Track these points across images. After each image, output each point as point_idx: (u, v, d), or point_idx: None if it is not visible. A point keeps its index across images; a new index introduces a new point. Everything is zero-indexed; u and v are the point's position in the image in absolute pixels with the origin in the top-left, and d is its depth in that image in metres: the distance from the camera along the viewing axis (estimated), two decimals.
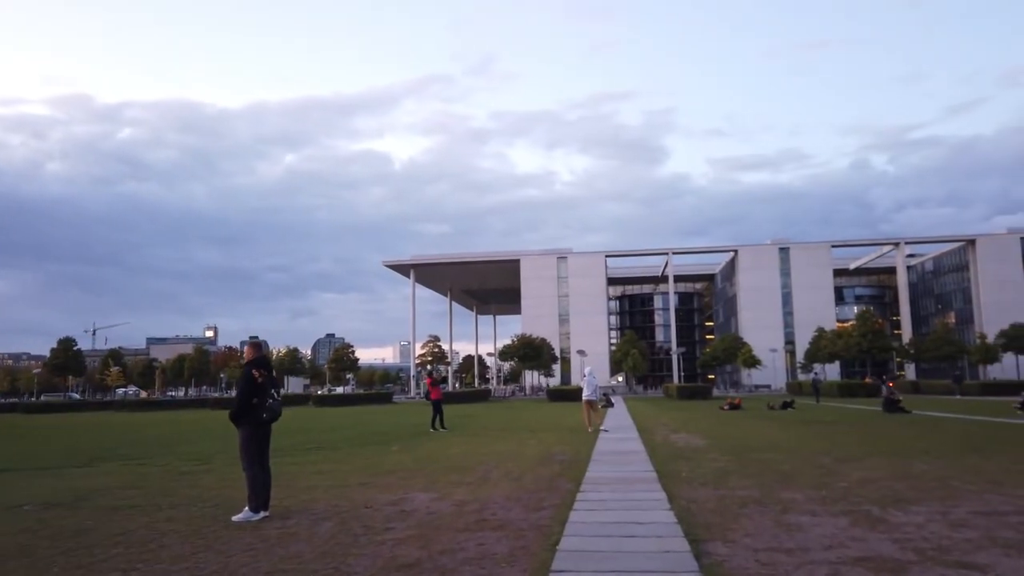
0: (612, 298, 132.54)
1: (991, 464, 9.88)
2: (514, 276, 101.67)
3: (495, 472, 10.27)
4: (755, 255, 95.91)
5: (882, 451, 12.03)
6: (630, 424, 21.38)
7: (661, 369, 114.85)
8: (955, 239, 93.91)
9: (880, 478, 8.76)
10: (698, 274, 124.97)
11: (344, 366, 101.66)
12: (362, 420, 27.77)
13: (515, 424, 22.96)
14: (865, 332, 72.56)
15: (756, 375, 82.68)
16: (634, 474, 9.71)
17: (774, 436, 16.04)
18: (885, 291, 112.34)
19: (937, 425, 18.61)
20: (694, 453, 12.38)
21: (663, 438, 16.01)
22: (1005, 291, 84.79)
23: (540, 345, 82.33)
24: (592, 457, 12.01)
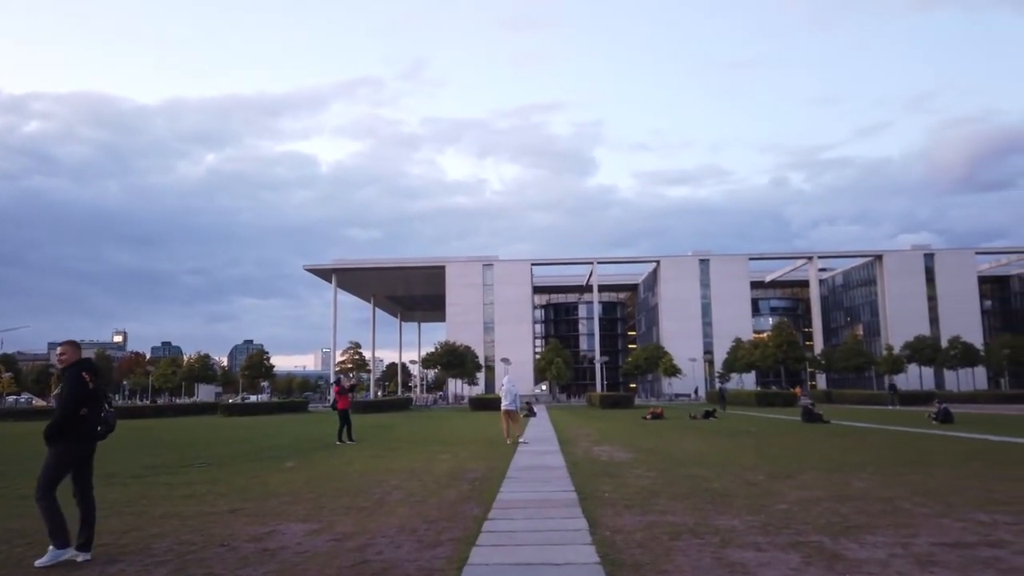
0: (537, 306, 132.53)
1: (932, 481, 9.23)
2: (439, 283, 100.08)
3: (394, 494, 8.95)
4: (676, 266, 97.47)
5: (814, 465, 11.33)
6: (551, 435, 20.35)
7: (585, 378, 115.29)
8: (864, 254, 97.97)
9: (821, 498, 7.92)
10: (622, 284, 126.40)
11: (259, 373, 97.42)
12: (267, 431, 25.78)
13: (431, 435, 21.60)
14: (780, 343, 74.50)
15: (676, 384, 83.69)
16: (552, 495, 8.58)
17: (700, 448, 15.28)
18: (798, 303, 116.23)
19: (860, 436, 18.33)
20: (618, 468, 11.38)
21: (585, 451, 15.01)
22: (909, 304, 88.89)
23: (464, 353, 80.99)
24: (507, 474, 10.84)
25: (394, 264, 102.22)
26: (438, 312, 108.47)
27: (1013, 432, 18.47)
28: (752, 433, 20.09)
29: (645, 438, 18.72)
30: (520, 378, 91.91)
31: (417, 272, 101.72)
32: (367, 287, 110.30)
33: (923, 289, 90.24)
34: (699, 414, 30.08)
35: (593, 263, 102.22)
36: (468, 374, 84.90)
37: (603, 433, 21.18)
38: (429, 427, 27.05)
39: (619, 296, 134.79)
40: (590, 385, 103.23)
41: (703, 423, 26.30)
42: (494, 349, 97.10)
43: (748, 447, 15.29)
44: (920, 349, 75.10)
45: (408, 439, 19.97)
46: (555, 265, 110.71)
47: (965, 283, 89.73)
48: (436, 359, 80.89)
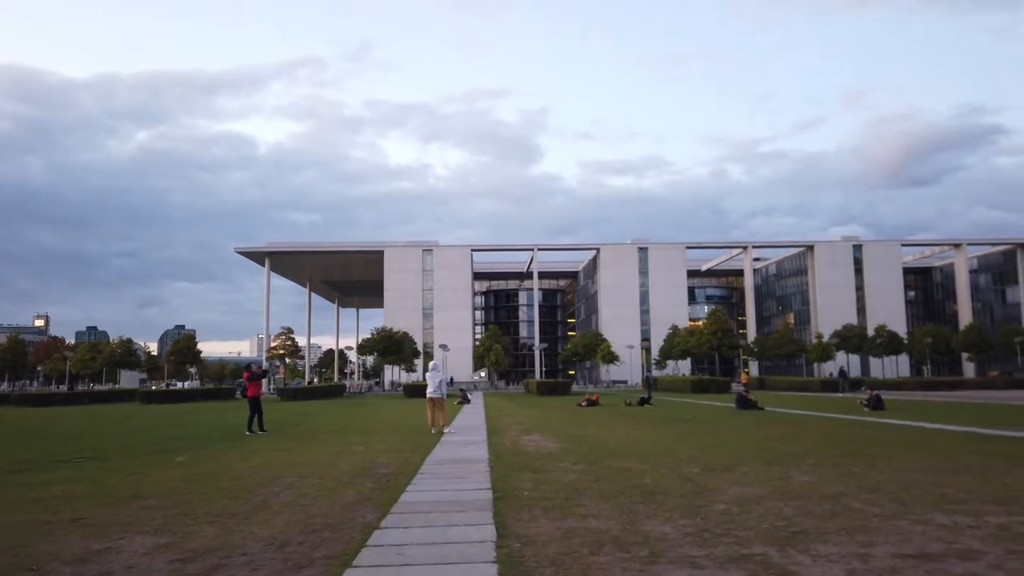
0: (478, 293, 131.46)
1: (877, 474, 8.55)
2: (378, 268, 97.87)
3: (282, 496, 7.76)
4: (616, 254, 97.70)
5: (752, 457, 10.61)
6: (481, 424, 19.36)
7: (524, 364, 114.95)
8: (796, 245, 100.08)
9: (762, 496, 7.10)
10: (562, 272, 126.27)
11: (186, 359, 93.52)
12: (179, 420, 24.01)
13: (353, 425, 20.32)
14: (715, 330, 75.36)
15: (614, 371, 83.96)
16: (464, 495, 7.54)
17: (633, 437, 14.50)
18: (733, 292, 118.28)
19: (795, 424, 17.92)
20: (544, 461, 10.43)
21: (512, 441, 14.04)
22: (838, 294, 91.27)
23: (401, 339, 79.29)
24: (421, 469, 9.76)
25: (331, 248, 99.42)
26: (377, 298, 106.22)
27: (943, 419, 18.37)
28: (686, 420, 19.51)
29: (577, 426, 17.90)
30: (459, 365, 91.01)
31: (355, 257, 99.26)
32: (303, 271, 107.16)
33: (852, 279, 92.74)
34: (634, 401, 29.58)
35: (534, 250, 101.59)
36: (405, 360, 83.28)
37: (535, 421, 20.30)
38: (354, 416, 25.72)
39: (559, 283, 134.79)
40: (529, 372, 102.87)
41: (638, 410, 25.74)
42: (433, 335, 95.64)
43: (682, 436, 14.59)
44: (848, 337, 77.06)
45: (326, 429, 18.66)
46: (496, 251, 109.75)
47: (891, 274, 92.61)
48: (372, 345, 79.03)
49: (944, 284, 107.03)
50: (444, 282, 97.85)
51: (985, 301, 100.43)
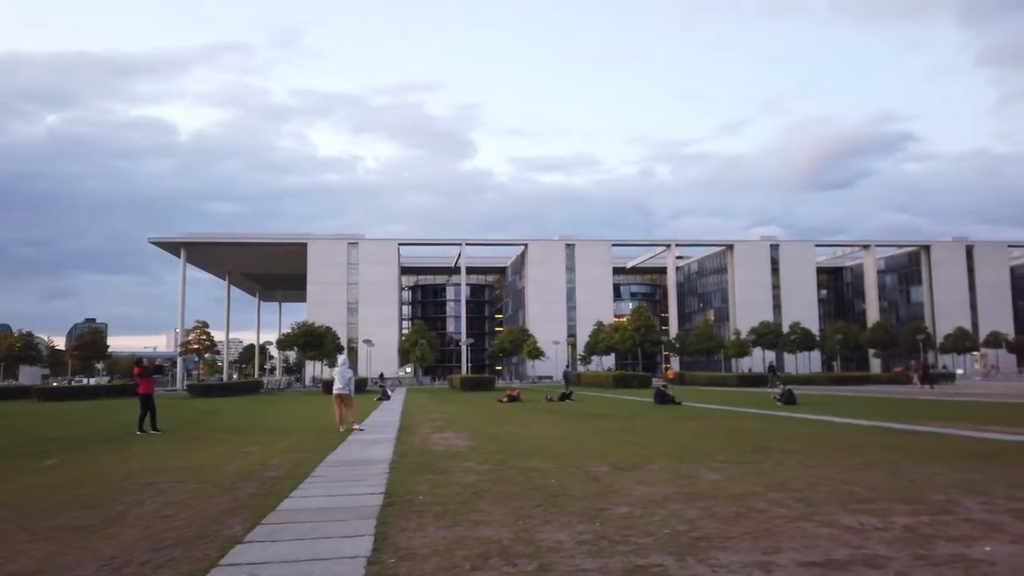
0: (405, 288, 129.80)
1: (785, 471, 8.36)
2: (302, 261, 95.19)
3: (146, 505, 6.94)
4: (543, 250, 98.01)
5: (663, 453, 10.35)
6: (394, 421, 18.68)
7: (451, 360, 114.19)
8: (717, 244, 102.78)
9: (667, 497, 6.74)
10: (491, 267, 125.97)
11: (93, 354, 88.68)
12: (67, 419, 22.32)
13: (257, 423, 19.28)
14: (638, 326, 76.54)
15: (540, 366, 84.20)
16: (352, 500, 6.91)
17: (547, 434, 14.13)
18: (657, 289, 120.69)
19: (709, 419, 17.96)
20: (449, 461, 9.87)
21: (422, 439, 13.44)
22: (756, 292, 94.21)
23: (324, 334, 77.25)
24: (315, 471, 9.05)
25: (251, 240, 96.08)
26: (300, 292, 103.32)
27: (851, 414, 18.78)
28: (603, 416, 19.33)
29: (494, 423, 17.44)
30: (385, 360, 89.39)
31: (277, 249, 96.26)
32: (222, 264, 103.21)
33: (768, 278, 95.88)
34: (555, 397, 29.39)
35: (462, 245, 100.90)
36: (328, 356, 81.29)
37: (452, 418, 19.73)
38: (263, 413, 24.54)
39: (488, 279, 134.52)
40: (456, 367, 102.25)
41: (557, 406, 25.51)
42: (358, 330, 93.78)
43: (596, 432, 14.31)
44: (764, 334, 79.61)
45: (227, 428, 17.58)
46: (424, 246, 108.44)
47: (805, 273, 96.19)
48: (293, 340, 76.78)
49: (854, 283, 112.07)
50: (370, 276, 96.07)
51: (891, 300, 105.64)
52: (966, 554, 4.54)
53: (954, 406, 21.84)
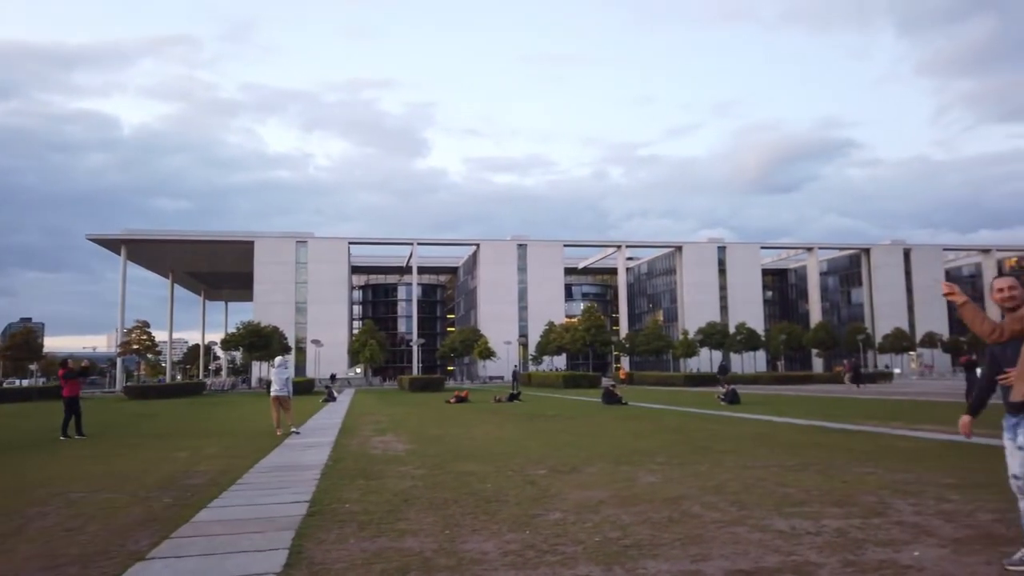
0: (356, 287, 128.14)
1: (723, 472, 8.32)
2: (249, 259, 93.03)
3: (51, 517, 6.47)
4: (496, 250, 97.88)
5: (604, 455, 10.23)
6: (336, 423, 18.22)
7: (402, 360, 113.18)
8: (666, 245, 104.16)
9: (603, 501, 6.60)
10: (443, 267, 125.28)
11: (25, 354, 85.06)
12: None
13: (193, 427, 18.58)
14: (589, 327, 76.99)
15: (491, 367, 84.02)
16: (273, 510, 6.57)
17: (490, 436, 13.92)
18: (608, 290, 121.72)
19: (654, 419, 18.00)
20: (385, 466, 9.57)
21: (362, 442, 13.08)
22: (703, 293, 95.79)
23: (270, 334, 75.63)
24: (242, 478, 8.66)
25: (195, 237, 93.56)
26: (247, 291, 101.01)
27: (792, 413, 19.07)
28: (550, 417, 19.23)
29: (438, 425, 17.15)
30: (334, 360, 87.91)
31: (222, 247, 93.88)
32: (165, 262, 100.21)
33: (716, 279, 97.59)
34: (503, 397, 29.22)
35: (413, 244, 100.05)
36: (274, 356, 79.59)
37: (396, 420, 19.36)
38: (200, 416, 23.73)
39: (440, 279, 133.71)
40: (408, 368, 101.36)
41: (506, 406, 25.34)
42: (306, 330, 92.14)
43: (540, 433, 14.16)
44: (711, 334, 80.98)
45: (158, 432, 16.88)
46: (374, 245, 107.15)
47: (751, 274, 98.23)
48: (238, 340, 74.90)
49: (798, 285, 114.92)
50: (319, 275, 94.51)
51: (833, 301, 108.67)
52: (895, 559, 4.48)
53: (889, 405, 22.41)
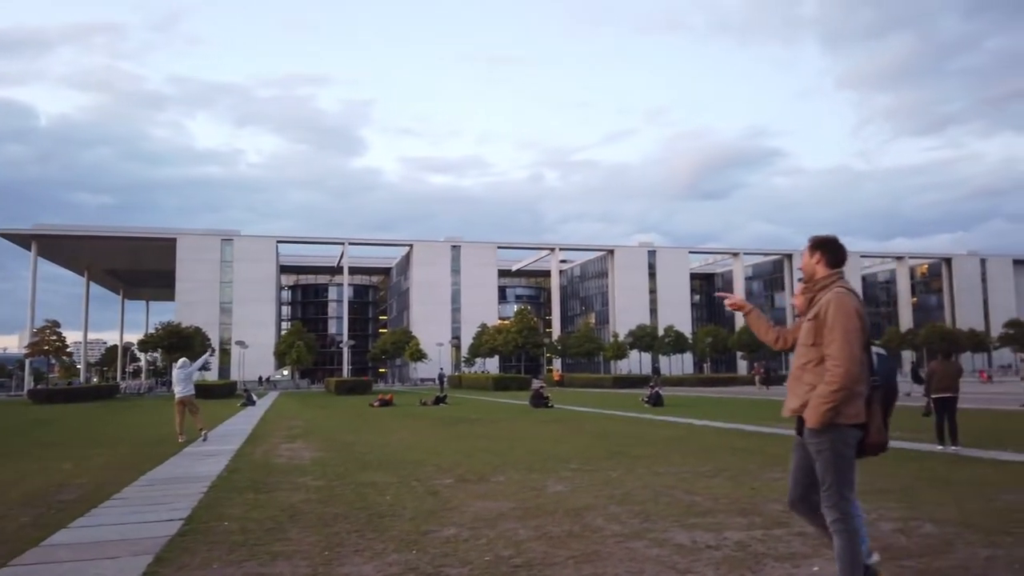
0: (285, 287, 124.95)
1: (634, 479, 8.08)
2: (171, 257, 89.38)
3: None
4: (429, 251, 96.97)
5: (517, 461, 9.90)
6: (247, 429, 17.36)
7: (332, 362, 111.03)
8: (598, 248, 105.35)
9: (504, 514, 6.24)
10: (375, 267, 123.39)
11: None
12: None
13: (89, 434, 17.38)
14: (521, 329, 76.96)
15: (423, 369, 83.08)
16: (140, 530, 5.95)
17: (406, 441, 13.43)
18: (542, 292, 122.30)
19: (576, 422, 17.83)
20: (283, 476, 8.98)
21: (268, 450, 12.39)
22: (634, 296, 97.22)
23: (192, 334, 72.62)
24: (121, 492, 7.93)
25: (113, 233, 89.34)
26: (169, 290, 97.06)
27: (711, 415, 19.23)
28: (472, 421, 18.83)
29: (354, 430, 16.53)
30: (260, 362, 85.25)
31: (143, 244, 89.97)
32: (81, 259, 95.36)
33: (646, 282, 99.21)
34: (429, 400, 28.67)
35: (344, 244, 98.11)
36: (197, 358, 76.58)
37: (312, 425, 18.62)
38: (103, 422, 22.35)
39: (372, 279, 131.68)
40: (337, 370, 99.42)
41: (430, 410, 24.81)
42: (231, 331, 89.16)
43: (458, 438, 13.75)
44: (641, 337, 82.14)
45: (50, 440, 15.68)
46: (305, 244, 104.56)
47: (679, 278, 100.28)
48: (156, 341, 71.58)
49: (724, 289, 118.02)
50: (245, 274, 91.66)
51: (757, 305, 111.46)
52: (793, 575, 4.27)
53: None
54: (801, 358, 3.38)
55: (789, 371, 3.54)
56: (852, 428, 3.22)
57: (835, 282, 3.38)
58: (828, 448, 3.21)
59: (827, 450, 3.22)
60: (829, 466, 3.22)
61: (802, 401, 3.29)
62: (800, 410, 3.31)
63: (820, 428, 3.21)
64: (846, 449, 3.23)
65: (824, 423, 3.19)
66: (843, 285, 3.36)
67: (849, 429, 3.22)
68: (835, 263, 3.44)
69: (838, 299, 3.27)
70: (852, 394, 3.17)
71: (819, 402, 3.19)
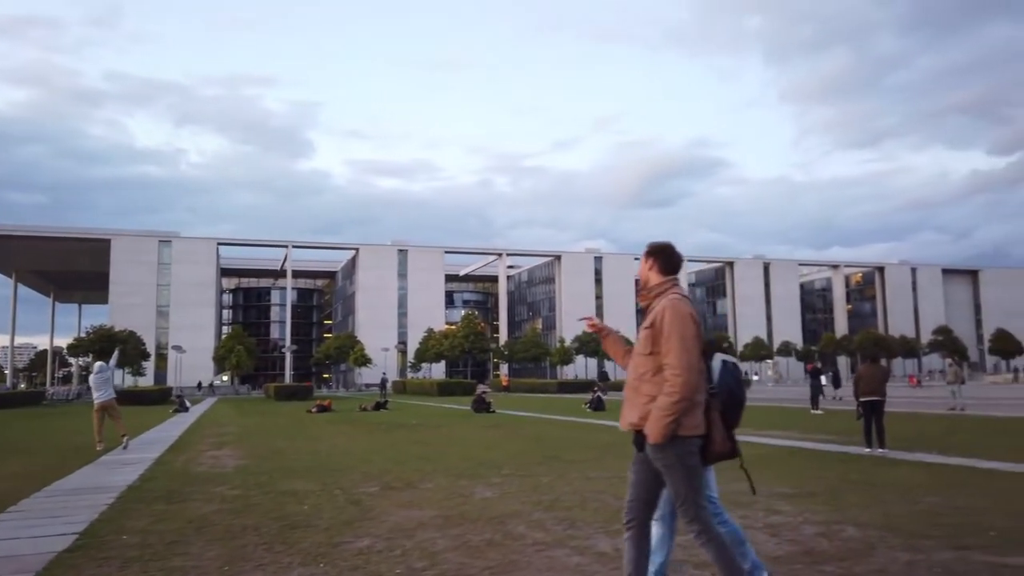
0: (227, 291, 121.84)
1: (564, 484, 7.91)
2: (105, 259, 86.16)
3: None
4: (375, 255, 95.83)
5: (449, 467, 9.64)
6: (172, 437, 16.65)
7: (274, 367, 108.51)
8: (546, 254, 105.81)
9: (425, 523, 5.98)
10: (320, 271, 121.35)
11: None
12: None
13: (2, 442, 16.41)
14: (468, 334, 76.68)
15: (369, 374, 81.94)
16: (28, 545, 5.46)
17: (339, 447, 13.03)
18: (489, 297, 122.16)
19: (514, 427, 17.65)
20: (199, 486, 8.53)
21: (191, 458, 11.83)
22: (581, 301, 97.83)
23: (125, 339, 70.09)
24: (17, 505, 7.37)
25: (43, 233, 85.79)
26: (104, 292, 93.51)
27: None
28: (410, 426, 18.46)
29: (288, 437, 16.00)
30: (199, 367, 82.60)
31: (75, 245, 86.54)
32: (7, 260, 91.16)
33: (592, 288, 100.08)
34: (369, 405, 28.11)
35: (288, 247, 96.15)
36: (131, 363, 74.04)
37: (243, 431, 17.97)
38: (20, 429, 21.18)
39: (317, 283, 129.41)
40: (280, 375, 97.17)
41: (369, 415, 24.30)
42: (168, 335, 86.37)
43: (392, 444, 13.41)
44: (587, 342, 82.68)
45: None
46: (247, 247, 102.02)
47: (625, 285, 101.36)
48: (87, 345, 68.93)
49: None
50: (184, 277, 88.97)
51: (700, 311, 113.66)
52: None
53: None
54: (638, 368, 3.21)
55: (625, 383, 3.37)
56: (694, 439, 3.08)
57: (669, 289, 3.24)
58: (676, 462, 3.05)
59: (675, 464, 3.05)
60: (681, 480, 3.06)
61: (641, 414, 3.13)
62: (640, 424, 3.13)
63: (663, 442, 3.05)
64: (692, 459, 3.08)
65: (667, 436, 3.02)
66: (678, 292, 3.23)
67: (691, 440, 3.07)
68: (669, 270, 3.31)
69: (673, 306, 3.12)
70: (693, 404, 3.04)
71: (660, 415, 3.02)
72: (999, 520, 5.64)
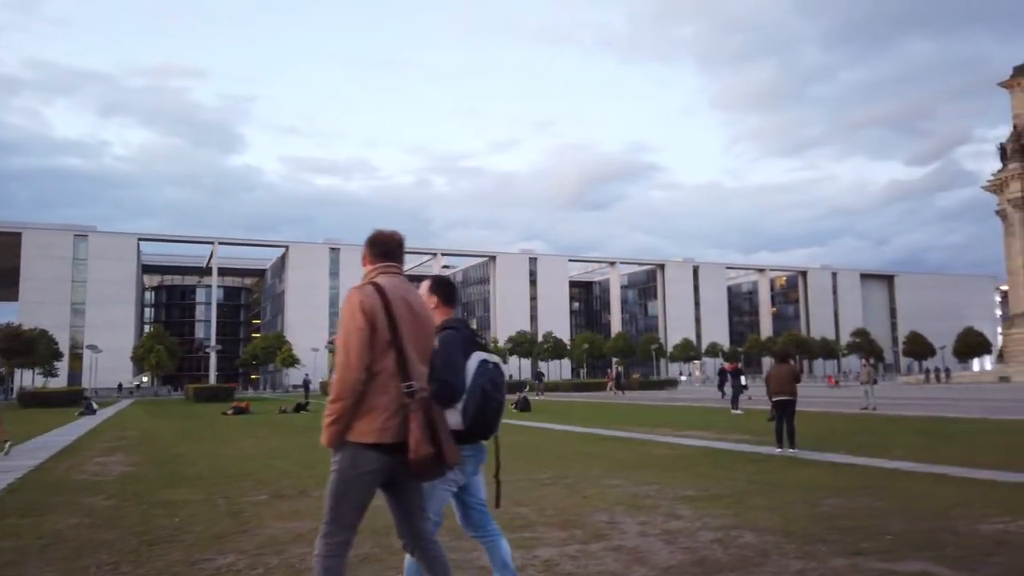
0: (149, 289, 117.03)
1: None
2: (15, 253, 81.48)
3: None
4: (306, 254, 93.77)
5: None
6: (65, 441, 15.54)
7: (199, 368, 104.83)
8: (481, 254, 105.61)
9: (304, 535, 5.51)
10: (249, 269, 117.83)
11: None
12: None
13: None
14: None
15: (297, 375, 79.87)
16: None
17: (243, 452, 12.34)
18: None
19: None
20: (69, 496, 7.80)
21: (75, 465, 10.96)
22: (515, 302, 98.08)
23: (35, 338, 66.42)
24: None
25: None
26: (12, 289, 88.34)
27: (573, 420, 19.18)
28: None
29: (193, 440, 15.14)
30: (117, 368, 78.92)
31: None
32: None
33: (527, 289, 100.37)
34: (289, 407, 27.16)
35: (214, 243, 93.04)
36: (41, 363, 70.22)
37: (145, 435, 16.97)
38: None
39: (245, 281, 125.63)
40: (204, 376, 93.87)
41: (287, 418, 23.42)
42: (84, 334, 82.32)
43: (301, 448, 12.75)
44: (521, 343, 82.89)
45: None
46: (170, 243, 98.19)
47: (559, 286, 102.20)
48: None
49: (601, 297, 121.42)
50: (101, 274, 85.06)
51: (632, 313, 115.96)
52: None
53: (664, 411, 23.41)
54: None
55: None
56: (368, 448, 2.72)
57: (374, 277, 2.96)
58: (335, 468, 2.77)
59: (334, 471, 2.77)
60: (330, 489, 2.77)
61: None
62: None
63: (330, 447, 2.77)
64: (353, 472, 2.74)
65: (332, 439, 2.74)
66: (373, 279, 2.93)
67: (363, 449, 2.72)
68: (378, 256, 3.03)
69: (347, 297, 2.85)
70: (370, 407, 2.72)
71: (324, 417, 2.77)
72: (897, 523, 5.55)
